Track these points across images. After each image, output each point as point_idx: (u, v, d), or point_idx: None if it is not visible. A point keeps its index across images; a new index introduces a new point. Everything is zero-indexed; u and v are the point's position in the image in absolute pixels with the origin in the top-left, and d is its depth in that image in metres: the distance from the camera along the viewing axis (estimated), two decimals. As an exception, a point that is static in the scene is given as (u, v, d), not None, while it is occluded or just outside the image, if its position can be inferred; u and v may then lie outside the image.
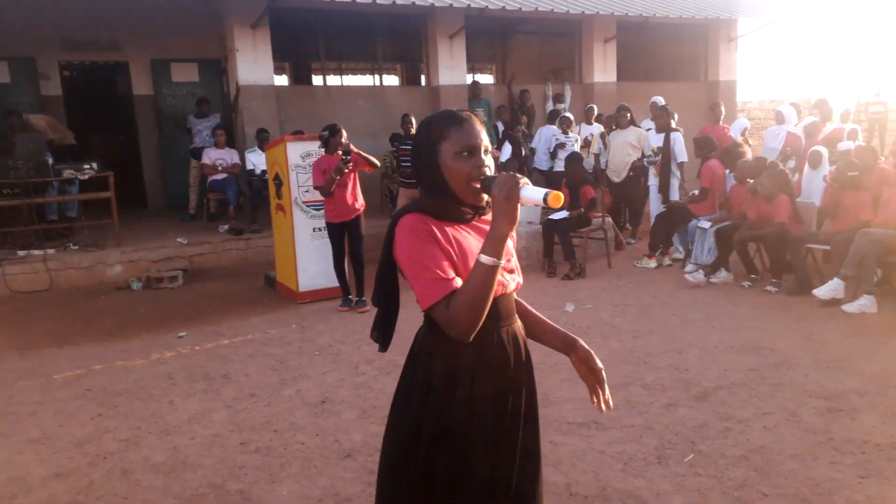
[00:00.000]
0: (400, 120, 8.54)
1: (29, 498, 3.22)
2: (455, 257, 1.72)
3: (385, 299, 1.83)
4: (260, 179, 8.49)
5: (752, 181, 6.46)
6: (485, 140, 1.75)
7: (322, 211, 6.32)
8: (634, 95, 11.49)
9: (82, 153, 7.93)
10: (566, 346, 2.06)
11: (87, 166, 7.55)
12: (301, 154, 6.37)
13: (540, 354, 4.75)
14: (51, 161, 7.55)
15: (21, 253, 7.24)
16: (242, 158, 8.90)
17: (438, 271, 1.66)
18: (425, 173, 1.77)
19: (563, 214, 7.31)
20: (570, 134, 9.47)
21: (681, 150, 7.92)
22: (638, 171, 8.53)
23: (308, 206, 6.39)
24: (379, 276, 1.82)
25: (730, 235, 6.41)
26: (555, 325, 2.09)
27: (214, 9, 9.41)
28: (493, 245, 1.61)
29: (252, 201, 8.64)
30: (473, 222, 1.82)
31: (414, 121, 6.81)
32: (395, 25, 11.16)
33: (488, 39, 13.47)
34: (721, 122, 9.65)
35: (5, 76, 9.15)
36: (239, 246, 8.05)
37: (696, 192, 7.41)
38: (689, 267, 6.80)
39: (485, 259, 1.61)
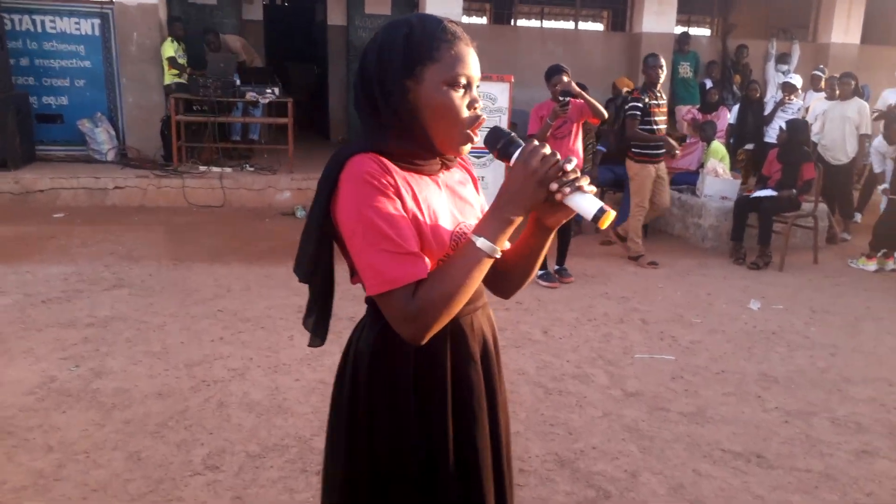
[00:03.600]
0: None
1: (125, 412, 3.16)
2: (422, 220, 1.21)
3: (318, 275, 1.30)
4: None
5: None
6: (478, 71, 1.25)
7: (483, 160, 5.88)
8: (882, 62, 9.65)
9: (271, 78, 8.06)
10: (540, 228, 1.32)
11: (270, 90, 7.65)
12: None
13: (705, 358, 4.02)
14: (238, 82, 7.74)
15: (202, 168, 7.56)
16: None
17: (402, 243, 1.16)
18: (385, 105, 1.21)
19: (769, 192, 6.18)
20: (794, 100, 8.08)
21: None
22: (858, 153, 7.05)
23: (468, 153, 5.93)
24: (309, 242, 1.26)
25: None
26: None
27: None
28: (496, 228, 1.16)
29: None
30: (437, 174, 1.30)
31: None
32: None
33: (709, -11, 12.00)
34: None
35: (212, -3, 9.54)
36: (402, 186, 7.83)
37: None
38: (920, 276, 5.49)
39: (482, 244, 1.15)
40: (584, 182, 1.15)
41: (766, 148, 7.52)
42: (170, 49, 7.91)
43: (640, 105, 5.66)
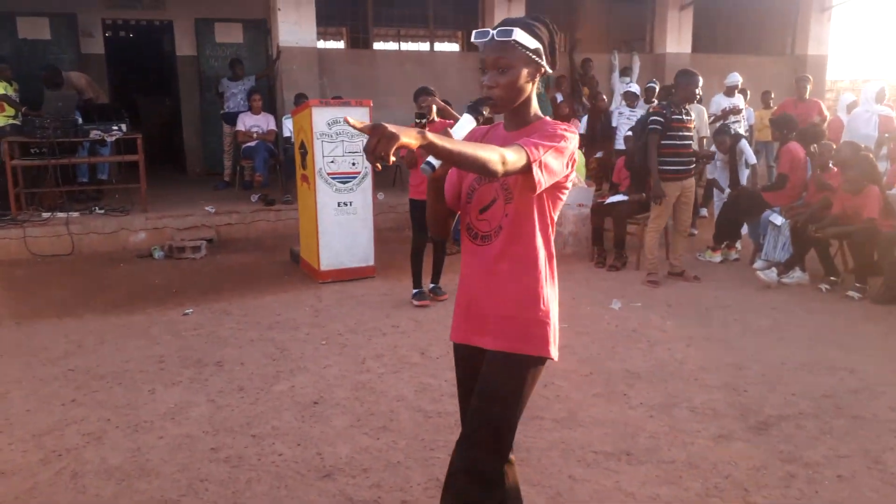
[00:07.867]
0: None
1: (-39, 500, 2.83)
2: None
3: None
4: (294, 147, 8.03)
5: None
6: None
7: (350, 184, 5.84)
8: (710, 69, 10.48)
9: (117, 114, 7.60)
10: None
11: (116, 127, 7.23)
12: (328, 121, 5.83)
13: (574, 362, 4.15)
14: (80, 121, 7.26)
15: (45, 215, 7.00)
16: (280, 125, 8.46)
17: None
18: None
19: (621, 198, 6.55)
20: (636, 109, 8.62)
21: (749, 153, 7.00)
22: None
23: (333, 178, 5.86)
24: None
25: (806, 230, 5.55)
26: None
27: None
28: None
29: (286, 170, 8.16)
30: None
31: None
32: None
33: (553, 5, 12.62)
34: (807, 98, 8.68)
35: (46, 32, 8.91)
36: (269, 217, 7.63)
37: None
38: (758, 263, 5.99)
39: None
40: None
41: (617, 155, 7.98)
42: (1, 88, 7.30)
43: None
